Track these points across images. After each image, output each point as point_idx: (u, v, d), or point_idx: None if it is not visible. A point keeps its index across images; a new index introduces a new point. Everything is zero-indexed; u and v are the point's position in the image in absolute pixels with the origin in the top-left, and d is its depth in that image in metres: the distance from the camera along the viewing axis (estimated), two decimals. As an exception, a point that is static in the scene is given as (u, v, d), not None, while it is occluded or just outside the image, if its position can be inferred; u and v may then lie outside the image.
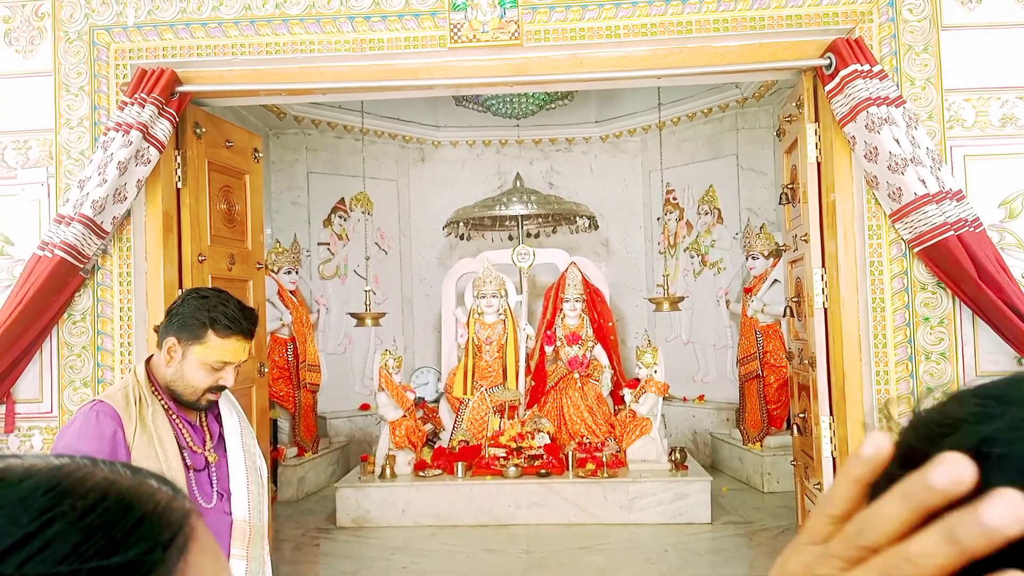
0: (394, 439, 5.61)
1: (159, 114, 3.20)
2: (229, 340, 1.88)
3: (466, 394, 6.12)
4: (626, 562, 4.52)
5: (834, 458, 3.26)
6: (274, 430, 6.06)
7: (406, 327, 7.95)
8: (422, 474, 5.53)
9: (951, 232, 2.93)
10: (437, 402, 6.77)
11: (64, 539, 0.39)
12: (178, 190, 3.45)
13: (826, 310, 3.30)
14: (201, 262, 3.49)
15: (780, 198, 3.86)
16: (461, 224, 7.09)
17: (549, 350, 6.37)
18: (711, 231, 7.27)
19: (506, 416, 6.01)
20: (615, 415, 5.95)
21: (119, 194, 3.14)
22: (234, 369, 1.92)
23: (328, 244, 7.44)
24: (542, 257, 6.75)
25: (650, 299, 6.38)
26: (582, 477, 5.31)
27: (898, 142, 2.94)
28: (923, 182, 2.93)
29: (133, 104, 3.15)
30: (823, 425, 3.28)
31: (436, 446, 5.94)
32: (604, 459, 5.42)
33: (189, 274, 3.42)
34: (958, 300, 3.08)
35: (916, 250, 3.05)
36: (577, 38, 3.24)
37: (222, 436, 2.03)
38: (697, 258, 7.41)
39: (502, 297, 6.26)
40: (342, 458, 6.84)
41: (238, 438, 2.03)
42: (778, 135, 3.95)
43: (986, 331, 3.06)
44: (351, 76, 3.35)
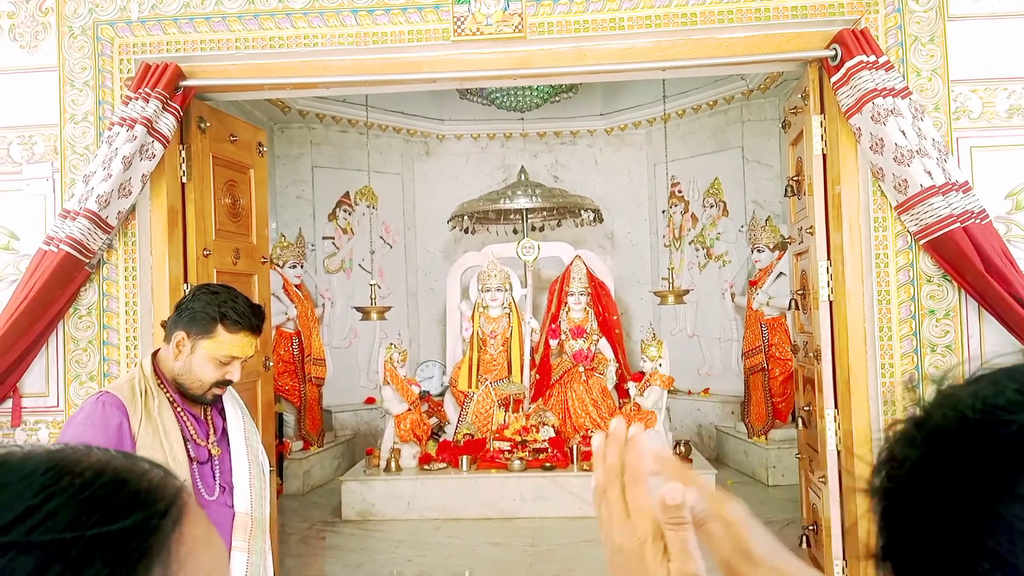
0: (399, 432, 5.63)
1: (163, 109, 3.20)
2: (238, 335, 1.93)
3: (471, 388, 6.13)
4: (631, 555, 4.52)
5: (839, 451, 3.24)
6: (279, 424, 6.08)
7: (411, 321, 7.95)
8: (427, 467, 5.54)
9: (957, 224, 2.90)
10: (442, 396, 6.78)
11: (65, 510, 0.43)
12: (183, 184, 3.45)
13: (831, 303, 3.29)
14: (206, 256, 3.50)
15: (785, 190, 3.85)
16: (466, 218, 7.08)
17: (554, 344, 6.37)
18: (716, 224, 7.25)
19: (511, 410, 6.02)
20: (620, 408, 5.95)
21: (124, 189, 3.14)
22: (240, 364, 1.96)
23: (333, 238, 7.45)
24: (547, 251, 6.74)
25: (655, 292, 6.37)
26: (587, 470, 5.31)
27: (904, 133, 2.92)
28: (929, 174, 2.91)
29: (137, 99, 3.15)
30: (828, 418, 3.27)
31: (441, 439, 5.96)
32: (609, 452, 5.42)
33: (194, 268, 3.42)
34: (964, 292, 3.06)
35: (922, 242, 3.04)
36: (581, 30, 3.23)
37: (225, 430, 2.05)
38: (702, 251, 7.39)
39: (507, 291, 6.26)
40: (347, 452, 6.87)
41: (241, 432, 2.06)
42: (783, 127, 3.94)
43: (992, 323, 3.04)
44: (355, 70, 3.34)
